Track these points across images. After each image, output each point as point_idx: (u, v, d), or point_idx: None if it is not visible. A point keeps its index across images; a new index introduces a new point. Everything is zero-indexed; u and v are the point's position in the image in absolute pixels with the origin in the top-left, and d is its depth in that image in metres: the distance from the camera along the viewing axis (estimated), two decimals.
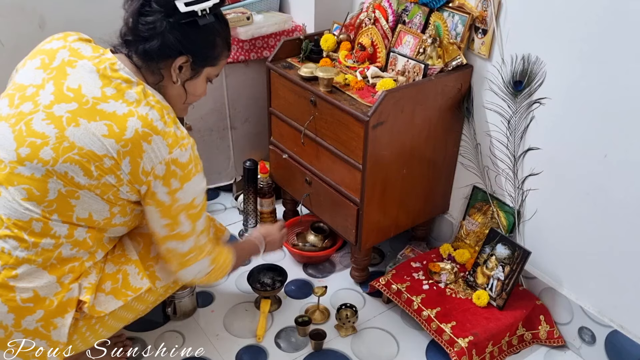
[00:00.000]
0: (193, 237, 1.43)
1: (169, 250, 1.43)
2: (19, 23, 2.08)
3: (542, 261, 1.87)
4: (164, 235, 1.40)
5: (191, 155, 1.35)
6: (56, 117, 1.26)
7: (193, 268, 1.48)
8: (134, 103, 1.29)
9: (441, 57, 1.83)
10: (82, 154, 1.25)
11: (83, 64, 1.31)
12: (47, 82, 1.30)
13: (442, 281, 1.92)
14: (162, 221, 1.37)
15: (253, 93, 2.35)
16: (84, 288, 1.35)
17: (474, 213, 2.03)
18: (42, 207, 1.28)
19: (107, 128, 1.26)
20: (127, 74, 1.31)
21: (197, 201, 1.39)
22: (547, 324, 1.83)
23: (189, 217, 1.39)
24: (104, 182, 1.28)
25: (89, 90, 1.28)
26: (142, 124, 1.27)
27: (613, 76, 1.51)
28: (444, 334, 1.73)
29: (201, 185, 1.40)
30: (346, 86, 1.86)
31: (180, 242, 1.42)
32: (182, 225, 1.39)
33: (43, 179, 1.26)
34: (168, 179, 1.31)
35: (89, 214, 1.32)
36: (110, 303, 1.40)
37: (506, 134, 1.84)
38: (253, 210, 2.27)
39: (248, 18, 2.16)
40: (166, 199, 1.33)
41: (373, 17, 1.98)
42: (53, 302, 1.30)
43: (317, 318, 1.91)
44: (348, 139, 1.79)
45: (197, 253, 1.46)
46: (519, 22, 1.70)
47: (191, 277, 1.51)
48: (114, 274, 1.43)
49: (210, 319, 1.91)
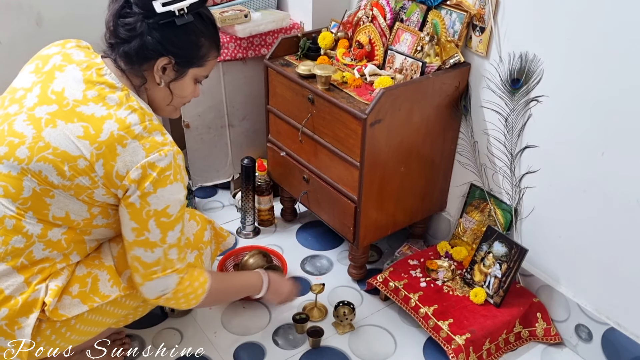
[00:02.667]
0: (161, 248, 1.35)
1: (135, 258, 1.36)
2: (16, 20, 2.07)
3: (539, 259, 1.87)
4: (131, 240, 1.34)
5: (172, 162, 1.30)
6: (36, 119, 1.28)
7: (157, 283, 1.39)
8: (114, 106, 1.28)
9: (439, 55, 1.83)
10: (56, 154, 1.25)
11: (71, 69, 1.32)
12: (35, 86, 1.32)
13: (439, 279, 1.93)
14: (130, 224, 1.32)
15: (251, 91, 2.35)
16: (50, 289, 1.32)
17: (471, 211, 2.04)
18: (17, 204, 1.28)
19: (83, 130, 1.26)
20: (113, 79, 1.31)
21: (170, 210, 1.33)
22: (544, 321, 1.84)
23: (159, 226, 1.33)
24: (77, 183, 1.27)
25: (71, 93, 1.29)
26: (118, 126, 1.26)
27: (610, 74, 1.51)
28: (441, 331, 1.74)
29: (178, 195, 1.33)
30: (344, 84, 1.86)
31: (147, 251, 1.35)
32: (151, 233, 1.33)
33: (18, 177, 1.27)
34: (142, 183, 1.27)
35: (66, 213, 1.31)
36: (75, 307, 1.35)
37: (504, 132, 1.84)
38: (251, 208, 2.28)
39: (246, 16, 2.15)
40: (137, 201, 1.29)
41: (371, 15, 1.98)
42: (18, 301, 1.29)
43: (315, 315, 1.91)
44: (346, 137, 1.79)
45: (163, 267, 1.38)
46: (516, 20, 1.70)
47: (155, 294, 1.40)
48: (83, 277, 1.39)
49: (208, 316, 1.91)
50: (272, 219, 2.38)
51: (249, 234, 2.31)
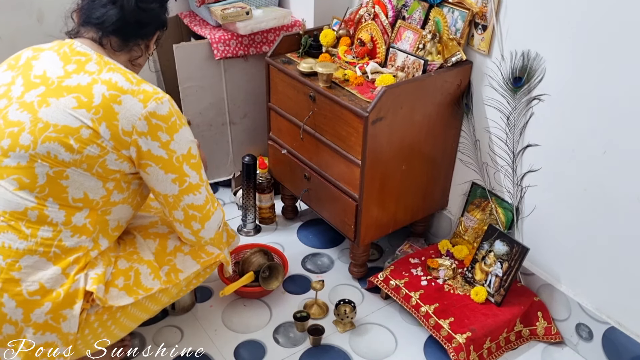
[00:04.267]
0: (203, 186, 1.45)
1: (188, 207, 1.43)
2: (17, 17, 2.07)
3: (540, 258, 1.87)
4: (177, 192, 1.41)
5: (170, 108, 1.36)
6: (28, 104, 1.31)
7: (214, 219, 1.50)
8: (96, 72, 1.33)
9: (441, 53, 1.83)
10: (57, 130, 1.27)
11: (45, 54, 1.38)
12: (16, 78, 1.36)
13: (440, 277, 1.92)
14: (168, 177, 1.38)
15: (252, 88, 2.35)
16: (90, 278, 1.35)
17: (472, 209, 2.03)
18: (35, 193, 1.29)
19: (76, 100, 1.29)
20: (85, 49, 1.36)
21: (193, 151, 1.41)
22: (544, 320, 1.84)
23: (193, 167, 1.41)
24: (87, 154, 1.29)
25: (52, 72, 1.33)
26: (107, 87, 1.30)
27: (612, 73, 1.51)
28: (442, 329, 1.74)
29: (190, 137, 1.42)
30: (345, 82, 1.86)
31: (196, 194, 1.43)
32: (190, 176, 1.41)
33: (29, 165, 1.28)
34: (154, 133, 1.33)
35: (84, 194, 1.32)
36: (122, 298, 1.40)
37: (505, 130, 1.84)
38: (252, 206, 2.27)
39: (247, 13, 2.15)
40: (162, 152, 1.35)
41: (372, 13, 1.98)
42: (60, 294, 1.31)
43: (316, 313, 1.91)
44: (347, 135, 1.79)
45: (212, 202, 1.49)
46: (518, 18, 1.70)
47: (214, 230, 1.52)
48: (126, 270, 1.43)
49: (209, 314, 1.91)
50: (273, 216, 2.38)
51: (250, 231, 2.31)
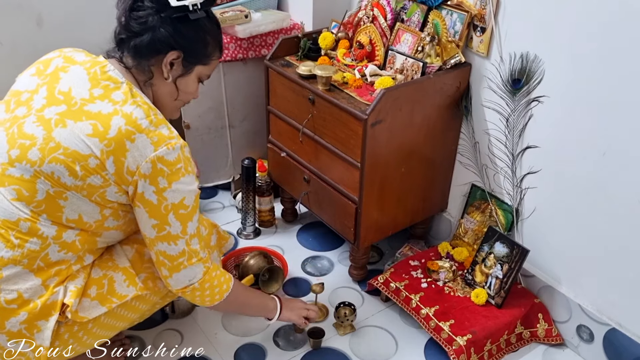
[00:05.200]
0: (184, 239, 1.38)
1: (159, 253, 1.38)
2: (16, 21, 2.07)
3: (540, 259, 1.87)
4: (153, 236, 1.36)
5: (180, 155, 1.32)
6: (45, 120, 1.29)
7: (184, 274, 1.42)
8: (120, 102, 1.30)
9: (440, 55, 1.83)
10: (67, 154, 1.26)
11: (75, 69, 1.35)
12: (41, 87, 1.33)
13: (440, 279, 1.92)
14: (150, 221, 1.34)
15: (251, 91, 2.35)
16: (70, 291, 1.33)
17: (472, 211, 2.03)
18: (31, 207, 1.28)
19: (92, 127, 1.27)
20: (116, 75, 1.33)
21: (186, 201, 1.36)
22: (545, 322, 1.84)
23: (179, 218, 1.36)
24: (89, 183, 1.28)
25: (77, 92, 1.31)
26: (125, 121, 1.28)
27: (612, 74, 1.51)
28: (442, 332, 1.73)
29: (192, 186, 1.37)
30: (344, 84, 1.86)
31: (171, 244, 1.37)
32: (172, 226, 1.35)
33: (32, 180, 1.27)
34: (155, 178, 1.29)
35: (79, 216, 1.32)
36: (94, 309, 1.36)
37: (505, 132, 1.84)
38: (251, 209, 2.27)
39: (246, 16, 2.15)
40: (153, 198, 1.31)
41: (371, 15, 1.98)
42: (37, 304, 1.29)
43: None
44: (346, 137, 1.79)
45: (188, 257, 1.41)
46: (517, 20, 1.70)
47: (183, 284, 1.43)
48: (99, 279, 1.40)
49: (209, 318, 1.91)
50: (273, 219, 2.38)
51: (250, 234, 2.31)
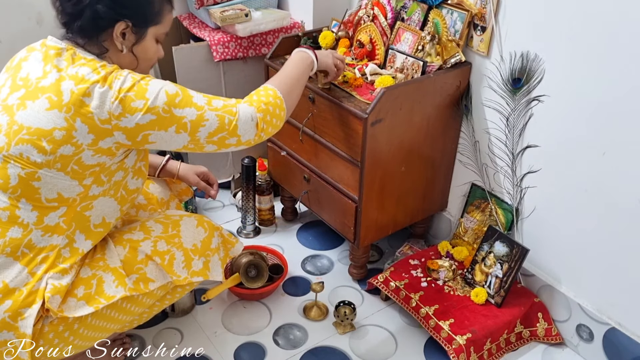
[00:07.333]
0: (205, 110, 1.36)
1: (208, 139, 1.38)
2: (16, 19, 2.07)
3: (540, 259, 1.87)
4: (188, 138, 1.35)
5: (131, 75, 1.30)
6: (9, 107, 1.31)
7: (242, 120, 1.40)
8: (64, 68, 1.29)
9: (440, 54, 1.83)
10: (30, 132, 1.27)
11: (33, 55, 1.36)
12: (7, 80, 1.36)
13: (440, 279, 1.92)
14: (171, 131, 1.33)
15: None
16: (51, 284, 1.31)
17: (472, 210, 2.03)
18: (7, 194, 1.29)
19: (48, 101, 1.27)
20: (55, 42, 1.33)
21: (171, 90, 1.33)
22: (545, 321, 1.84)
23: (182, 105, 1.33)
24: (60, 154, 1.27)
25: (34, 74, 1.32)
26: (74, 82, 1.27)
27: (612, 73, 1.51)
28: (442, 331, 1.73)
29: (160, 82, 1.33)
30: (345, 83, 1.86)
31: (204, 124, 1.36)
32: (186, 116, 1.33)
33: (2, 166, 1.29)
34: (130, 107, 1.27)
35: (58, 194, 1.31)
36: (80, 309, 1.34)
37: (505, 131, 1.84)
38: (251, 208, 2.27)
39: (246, 15, 2.15)
40: (148, 116, 1.29)
41: (372, 14, 1.98)
42: (22, 292, 1.30)
43: (315, 315, 1.91)
44: (346, 136, 1.79)
45: (228, 115, 1.39)
46: (517, 19, 1.70)
47: (251, 125, 1.42)
48: (88, 278, 1.38)
49: (209, 316, 1.91)
50: (273, 218, 2.38)
51: (250, 233, 2.31)
